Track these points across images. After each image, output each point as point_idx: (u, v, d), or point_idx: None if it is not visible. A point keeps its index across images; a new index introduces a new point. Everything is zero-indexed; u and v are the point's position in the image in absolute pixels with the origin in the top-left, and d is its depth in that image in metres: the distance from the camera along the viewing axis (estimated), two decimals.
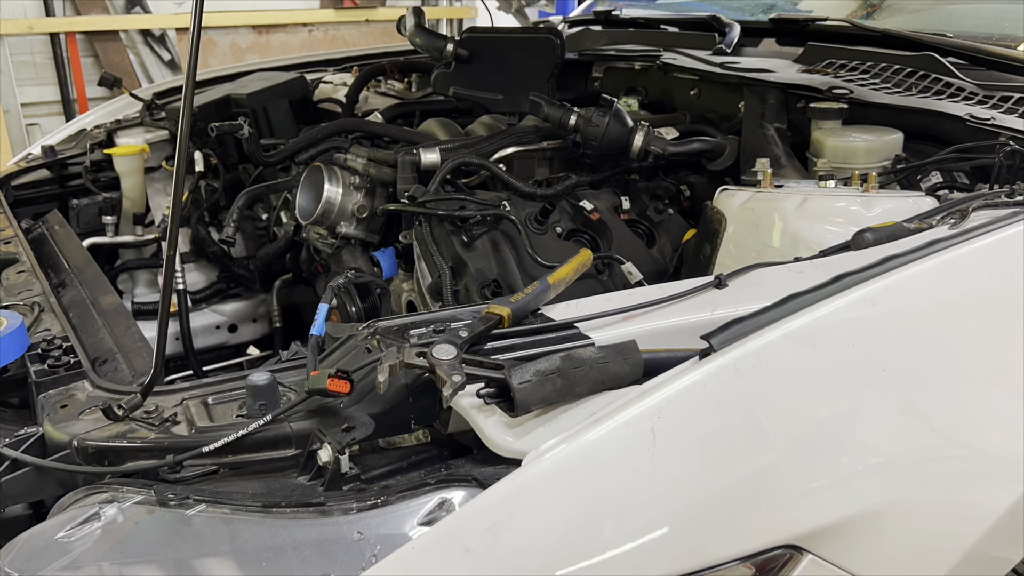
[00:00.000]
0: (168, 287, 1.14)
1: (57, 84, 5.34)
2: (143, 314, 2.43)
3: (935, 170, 1.58)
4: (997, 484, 1.03)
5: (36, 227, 2.19)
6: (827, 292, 1.02)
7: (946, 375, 1.05)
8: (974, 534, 1.00)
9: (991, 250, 1.13)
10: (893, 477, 0.97)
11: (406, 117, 2.43)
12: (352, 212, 1.98)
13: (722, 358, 0.94)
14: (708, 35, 2.40)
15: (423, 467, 1.03)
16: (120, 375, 1.37)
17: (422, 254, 1.76)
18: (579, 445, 0.88)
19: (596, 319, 1.10)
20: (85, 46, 5.42)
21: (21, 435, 1.12)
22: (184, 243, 2.53)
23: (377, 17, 6.40)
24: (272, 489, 0.99)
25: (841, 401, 0.97)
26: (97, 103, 3.88)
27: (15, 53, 5.20)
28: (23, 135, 5.24)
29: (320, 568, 0.88)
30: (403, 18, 2.46)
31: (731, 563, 0.89)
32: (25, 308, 1.51)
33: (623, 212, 1.89)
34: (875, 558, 0.96)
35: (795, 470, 0.93)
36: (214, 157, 2.43)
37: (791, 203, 1.47)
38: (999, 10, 2.28)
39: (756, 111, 1.91)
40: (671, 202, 1.95)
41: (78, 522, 0.95)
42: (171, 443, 1.04)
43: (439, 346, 0.98)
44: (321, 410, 1.05)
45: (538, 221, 1.77)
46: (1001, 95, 1.69)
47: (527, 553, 0.83)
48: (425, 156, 1.84)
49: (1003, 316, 1.10)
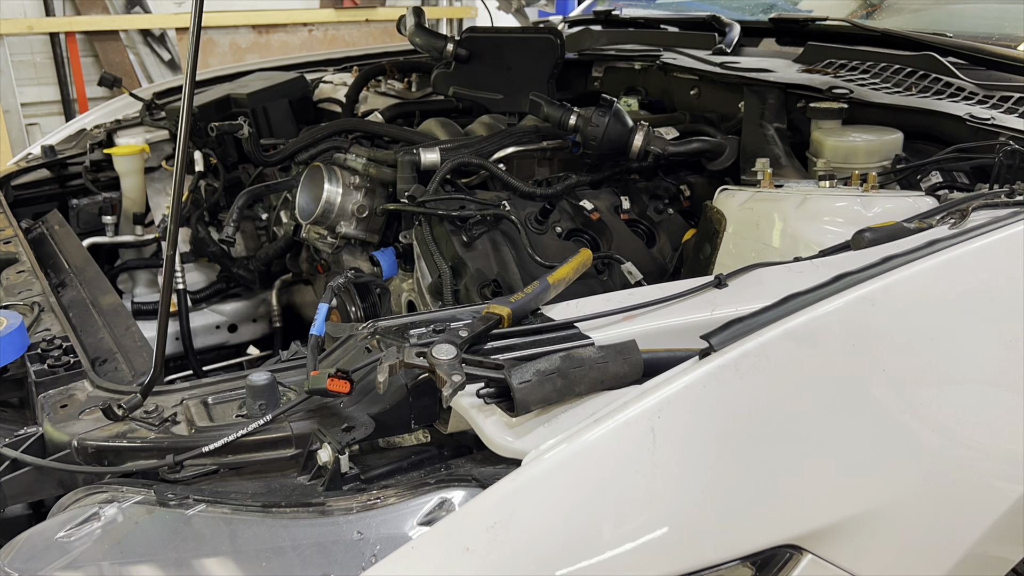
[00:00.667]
0: (168, 287, 1.14)
1: (57, 84, 5.34)
2: (143, 314, 2.43)
3: (935, 170, 1.58)
4: (997, 484, 1.03)
5: (36, 227, 2.19)
6: (827, 292, 1.02)
7: (946, 375, 1.05)
8: (974, 534, 1.00)
9: (991, 250, 1.13)
10: (893, 477, 0.97)
11: (406, 117, 2.43)
12: (352, 212, 1.98)
13: (722, 358, 0.94)
14: (708, 35, 2.40)
15: (423, 467, 1.03)
16: (120, 375, 1.37)
17: (422, 254, 1.76)
18: (579, 445, 0.88)
19: (596, 319, 1.10)
20: (85, 46, 5.42)
21: (21, 435, 1.12)
22: (184, 243, 2.53)
23: (377, 17, 6.40)
24: (272, 489, 0.99)
25: (841, 401, 0.97)
26: (97, 103, 3.88)
27: (15, 53, 5.21)
28: (23, 135, 5.25)
29: (320, 568, 0.88)
30: (403, 18, 2.46)
31: (731, 563, 0.89)
32: (25, 308, 1.51)
33: (623, 212, 1.89)
34: (875, 558, 0.96)
35: (795, 470, 0.93)
36: (214, 157, 2.43)
37: (791, 203, 1.47)
38: (999, 10, 2.28)
39: (756, 111, 1.91)
40: (671, 202, 1.95)
41: (78, 522, 0.95)
42: (171, 443, 1.04)
43: (439, 346, 0.98)
44: (321, 410, 1.05)
45: (538, 221, 1.77)
46: (1001, 95, 1.69)
47: (527, 553, 0.83)
48: (425, 156, 1.84)
49: (1003, 316, 1.10)
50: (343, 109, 2.59)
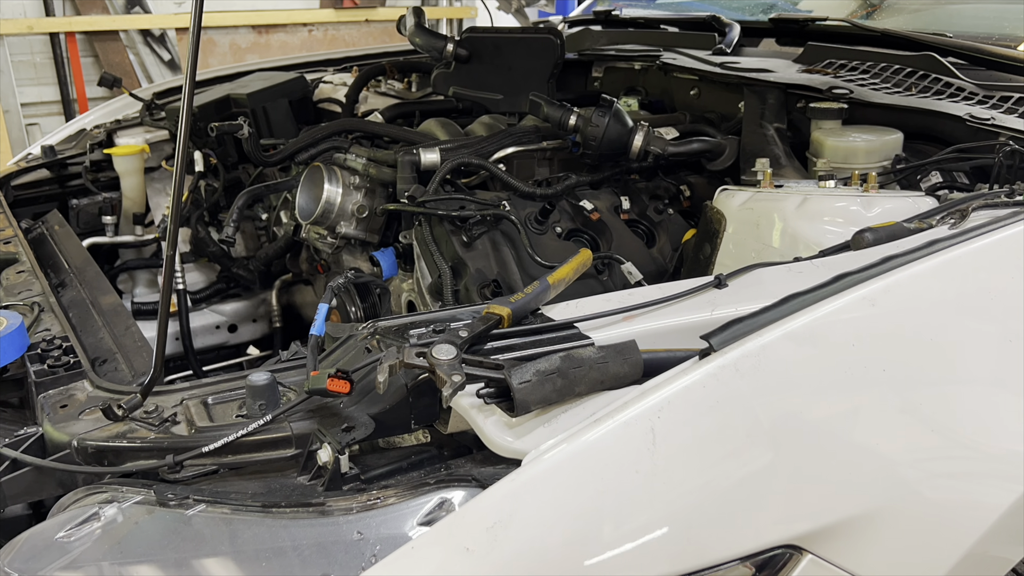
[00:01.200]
0: (168, 287, 1.14)
1: (57, 84, 5.34)
2: (143, 314, 2.43)
3: (935, 170, 1.58)
4: (997, 484, 1.03)
5: (36, 227, 2.19)
6: (827, 292, 1.02)
7: (946, 375, 1.05)
8: (974, 534, 1.00)
9: (991, 250, 1.13)
10: (893, 477, 0.97)
11: (406, 117, 2.43)
12: (352, 212, 1.98)
13: (722, 358, 0.94)
14: (708, 35, 2.40)
15: (423, 467, 1.03)
16: (120, 375, 1.37)
17: (422, 254, 1.76)
18: (579, 445, 0.87)
19: (596, 319, 1.10)
20: (85, 46, 5.42)
21: (21, 435, 1.12)
22: (184, 243, 2.53)
23: (377, 17, 6.40)
24: (272, 489, 0.99)
25: (841, 401, 0.97)
26: (97, 103, 3.88)
27: (15, 53, 5.21)
28: (23, 135, 5.25)
29: (320, 568, 0.88)
30: (403, 18, 2.46)
31: (731, 563, 0.89)
32: (25, 308, 1.51)
33: (623, 212, 1.89)
34: (875, 558, 0.95)
35: (795, 470, 0.93)
36: (214, 157, 2.43)
37: (791, 203, 1.47)
38: (999, 10, 2.28)
39: (756, 111, 1.91)
40: (671, 202, 1.95)
41: (78, 522, 0.95)
42: (171, 443, 1.04)
43: (439, 346, 0.97)
44: (321, 410, 1.05)
45: (538, 221, 1.77)
46: (1001, 95, 1.69)
47: (527, 553, 0.83)
48: (425, 156, 1.84)
49: (1003, 316, 1.10)
50: (343, 109, 2.59)
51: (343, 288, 1.75)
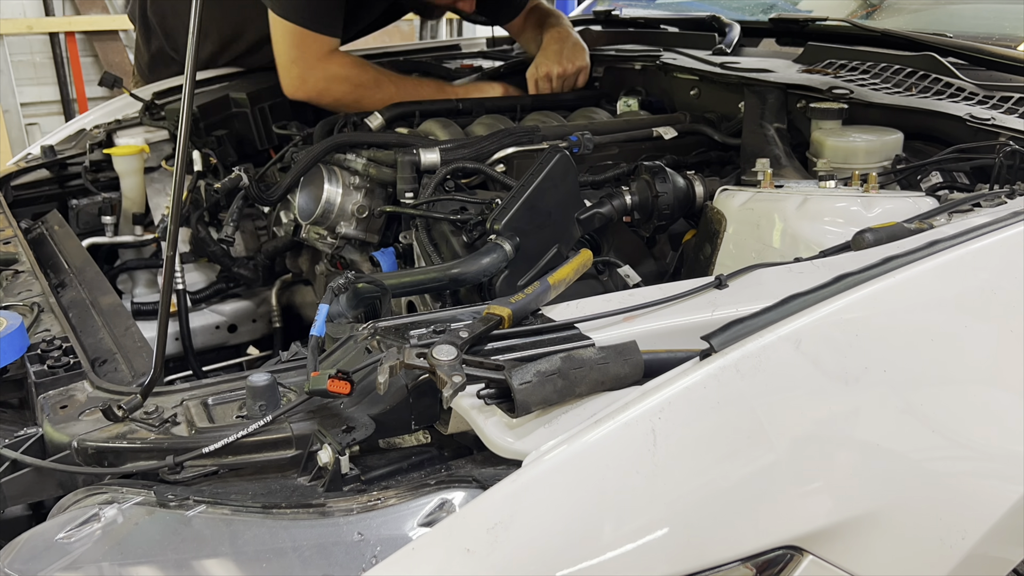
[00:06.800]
0: (168, 287, 1.14)
1: (57, 84, 5.34)
2: (143, 314, 2.43)
3: (935, 170, 1.58)
4: (997, 484, 1.03)
5: (36, 227, 2.18)
6: (827, 292, 1.02)
7: (946, 375, 1.05)
8: (974, 534, 1.00)
9: (991, 250, 1.13)
10: (893, 477, 0.97)
11: (406, 118, 2.43)
12: (352, 212, 1.98)
13: (723, 359, 0.93)
14: (708, 35, 2.41)
15: (423, 468, 1.02)
16: (120, 375, 1.36)
17: (422, 255, 1.76)
18: (580, 446, 0.87)
19: (596, 320, 1.10)
20: (85, 46, 5.42)
21: (21, 436, 1.12)
22: (184, 243, 2.53)
23: None
24: (272, 490, 0.99)
25: (841, 401, 0.97)
26: (97, 103, 3.87)
27: (15, 53, 5.21)
28: (23, 135, 5.25)
29: (320, 569, 0.88)
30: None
31: (731, 564, 0.89)
32: (25, 308, 1.50)
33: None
34: (876, 558, 0.95)
35: (796, 471, 0.93)
36: (214, 157, 2.43)
37: (791, 203, 1.47)
38: (999, 10, 2.28)
39: (756, 111, 1.91)
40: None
41: (78, 523, 0.95)
42: (171, 444, 1.04)
43: (439, 347, 0.97)
44: (321, 411, 1.05)
45: None
46: (1001, 95, 1.69)
47: (528, 554, 0.83)
48: (425, 156, 1.84)
49: (1003, 316, 1.10)
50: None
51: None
